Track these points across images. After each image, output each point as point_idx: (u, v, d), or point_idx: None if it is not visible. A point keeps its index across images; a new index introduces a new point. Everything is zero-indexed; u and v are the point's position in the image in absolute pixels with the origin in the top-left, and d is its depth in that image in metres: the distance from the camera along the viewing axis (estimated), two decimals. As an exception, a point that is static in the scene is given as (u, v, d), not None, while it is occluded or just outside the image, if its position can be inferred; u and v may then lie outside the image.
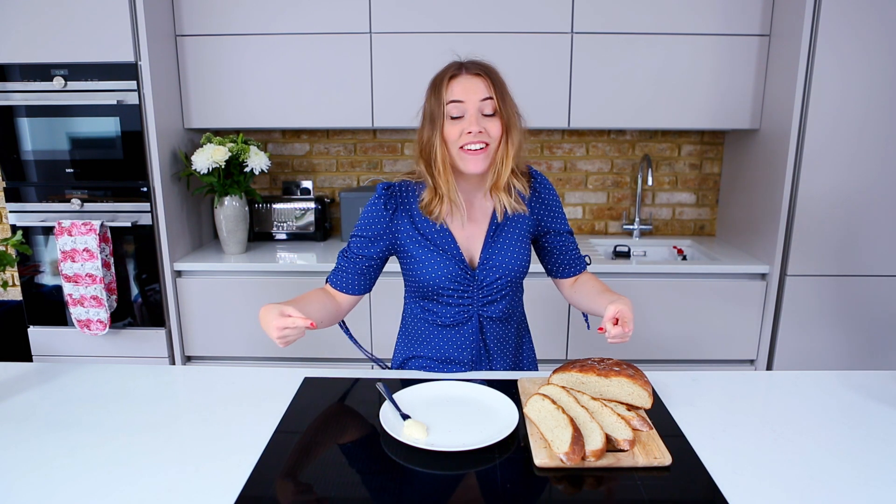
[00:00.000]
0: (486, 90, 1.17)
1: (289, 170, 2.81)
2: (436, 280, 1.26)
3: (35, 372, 1.32)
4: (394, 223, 1.27)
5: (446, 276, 1.25)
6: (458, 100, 1.17)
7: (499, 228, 1.29)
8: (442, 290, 1.27)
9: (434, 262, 1.25)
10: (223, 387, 1.24)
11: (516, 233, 1.29)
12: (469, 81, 1.18)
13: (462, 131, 1.17)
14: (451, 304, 1.29)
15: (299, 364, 2.36)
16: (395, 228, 1.27)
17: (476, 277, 1.27)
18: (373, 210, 1.28)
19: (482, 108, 1.17)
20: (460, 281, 1.26)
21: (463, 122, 1.17)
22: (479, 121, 1.17)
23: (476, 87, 1.17)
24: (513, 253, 1.28)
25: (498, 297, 1.30)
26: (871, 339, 2.29)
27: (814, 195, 2.18)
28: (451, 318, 1.30)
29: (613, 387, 1.09)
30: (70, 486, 0.90)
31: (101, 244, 2.21)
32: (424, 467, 0.95)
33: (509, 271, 1.28)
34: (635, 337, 2.30)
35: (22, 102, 2.17)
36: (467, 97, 1.17)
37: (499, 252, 1.27)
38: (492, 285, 1.28)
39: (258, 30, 2.32)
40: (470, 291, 1.28)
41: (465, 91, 1.17)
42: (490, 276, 1.27)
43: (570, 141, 2.76)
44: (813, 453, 1.00)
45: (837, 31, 2.06)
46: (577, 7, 2.28)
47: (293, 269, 2.32)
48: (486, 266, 1.27)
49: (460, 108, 1.17)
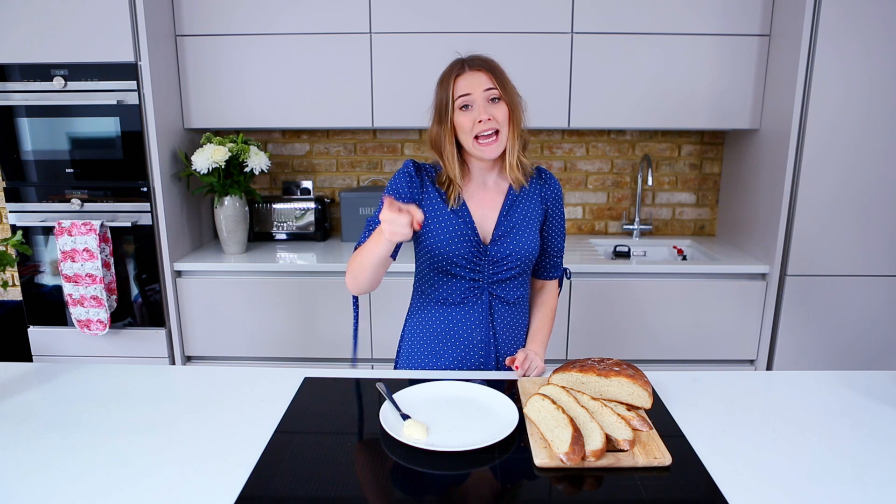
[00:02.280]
0: (489, 82, 1.29)
1: (289, 170, 2.81)
2: (452, 249, 1.32)
3: (35, 372, 1.32)
4: (422, 189, 1.37)
5: (461, 245, 1.33)
6: (466, 93, 1.29)
7: (511, 209, 1.37)
8: (455, 260, 1.33)
9: (451, 231, 1.33)
10: (223, 387, 1.24)
11: (527, 216, 1.38)
12: (473, 76, 1.30)
13: (474, 120, 1.29)
14: (462, 276, 1.36)
15: (299, 364, 2.36)
16: (423, 195, 1.37)
17: (488, 253, 1.35)
18: (403, 177, 1.36)
19: (487, 97, 1.29)
20: (473, 253, 1.34)
21: (472, 111, 1.29)
22: (487, 108, 1.29)
23: (480, 81, 1.29)
24: (523, 233, 1.36)
25: (508, 275, 1.37)
26: (870, 339, 2.29)
27: (814, 195, 2.18)
28: (462, 295, 1.37)
29: (613, 387, 1.09)
30: (70, 487, 0.90)
31: (101, 244, 2.21)
32: (424, 467, 0.95)
33: (520, 249, 1.35)
34: (636, 337, 2.32)
35: (22, 102, 2.17)
36: (473, 90, 1.29)
37: (511, 231, 1.36)
38: (502, 262, 1.35)
39: (258, 30, 2.32)
40: (481, 266, 1.35)
41: (470, 85, 1.29)
42: (501, 251, 1.35)
43: (570, 141, 2.76)
44: (813, 453, 1.00)
45: (837, 31, 2.06)
46: (577, 7, 2.28)
47: (293, 269, 2.32)
48: (499, 243, 1.35)
49: (468, 99, 1.29)
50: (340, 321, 2.33)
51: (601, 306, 2.31)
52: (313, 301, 2.32)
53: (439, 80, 1.34)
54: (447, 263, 1.34)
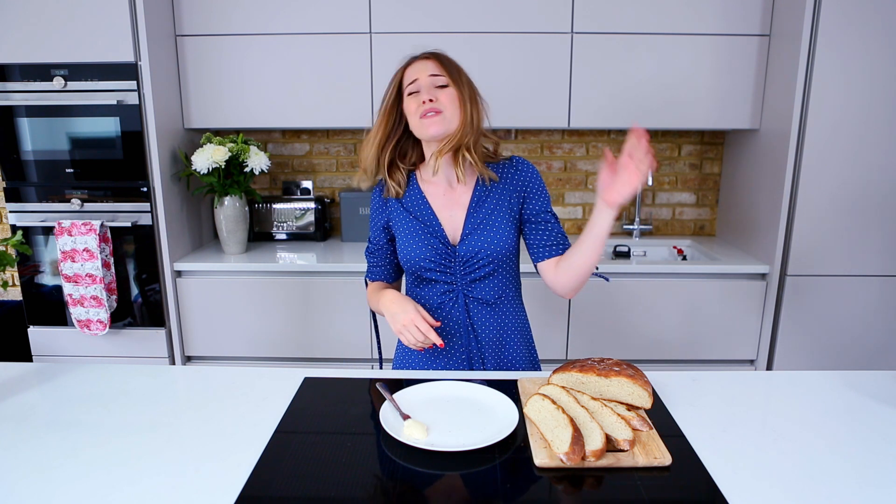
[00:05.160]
0: (435, 68, 1.31)
1: (289, 170, 2.81)
2: (418, 254, 1.33)
3: (35, 372, 1.32)
4: (387, 207, 1.41)
5: (428, 249, 1.33)
6: (413, 80, 1.31)
7: (479, 204, 1.34)
8: (425, 265, 1.34)
9: (416, 237, 1.34)
10: (223, 387, 1.24)
11: (498, 210, 1.34)
12: (420, 64, 1.32)
13: (419, 102, 1.29)
14: (436, 280, 1.36)
15: (299, 364, 2.36)
16: (389, 212, 1.40)
17: (457, 253, 1.33)
18: (372, 201, 1.45)
19: (434, 83, 1.30)
20: (441, 255, 1.33)
21: (419, 96, 1.30)
22: (432, 91, 1.29)
23: (426, 67, 1.31)
24: (494, 229, 1.32)
25: (482, 274, 1.34)
26: (870, 339, 2.29)
27: (814, 195, 2.18)
28: (438, 299, 1.36)
29: (613, 387, 1.09)
30: (70, 487, 0.90)
31: (101, 244, 2.21)
32: (424, 467, 0.95)
33: (489, 246, 1.32)
34: (636, 337, 2.32)
35: (22, 102, 2.17)
36: (419, 75, 1.31)
37: (479, 227, 1.33)
38: (473, 260, 1.33)
39: (258, 30, 2.32)
40: (452, 268, 1.34)
41: (417, 72, 1.31)
42: (470, 249, 1.32)
43: (570, 141, 2.76)
44: (813, 453, 1.00)
45: (837, 31, 2.06)
46: (577, 7, 2.28)
47: (293, 269, 2.32)
48: (467, 240, 1.33)
49: (415, 86, 1.31)
50: (340, 321, 2.33)
51: (601, 306, 2.31)
52: (313, 301, 2.32)
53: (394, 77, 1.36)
54: (417, 269, 1.35)
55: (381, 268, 1.46)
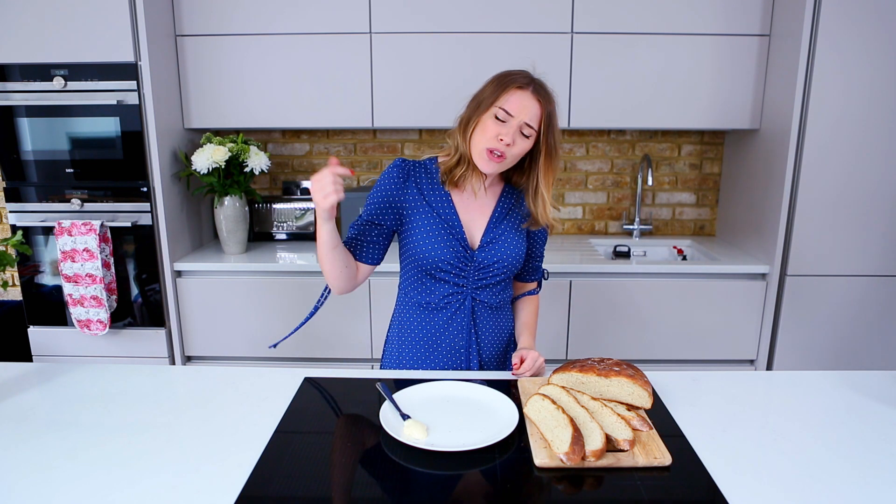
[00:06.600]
0: (534, 118, 1.25)
1: (289, 170, 2.81)
2: (437, 254, 1.31)
3: (35, 372, 1.32)
4: (404, 191, 1.34)
5: (447, 250, 1.31)
6: (509, 111, 1.24)
7: (501, 217, 1.36)
8: (440, 264, 1.32)
9: (437, 235, 1.31)
10: (223, 387, 1.24)
11: (516, 224, 1.38)
12: (528, 99, 1.25)
13: (497, 135, 1.23)
14: (447, 281, 1.34)
15: (299, 364, 2.36)
16: (405, 196, 1.34)
17: (474, 258, 1.33)
18: (386, 177, 1.34)
19: (522, 128, 1.25)
20: (460, 258, 1.32)
21: (502, 127, 1.24)
22: (515, 135, 1.24)
23: (530, 108, 1.24)
24: (512, 241, 1.36)
25: (493, 281, 1.36)
26: (870, 339, 2.29)
27: (814, 195, 2.18)
28: (445, 299, 1.35)
29: (613, 387, 1.09)
30: (70, 487, 0.90)
31: (101, 244, 2.21)
32: (424, 467, 0.95)
33: (507, 257, 1.35)
34: (636, 337, 2.32)
35: (22, 102, 2.17)
36: (518, 113, 1.24)
37: (500, 238, 1.35)
38: (489, 268, 1.34)
39: (258, 30, 2.32)
40: (467, 272, 1.34)
41: (517, 107, 1.24)
42: (489, 258, 1.34)
43: (570, 141, 2.76)
44: (813, 453, 1.00)
45: (837, 31, 2.06)
46: (577, 7, 2.28)
47: (293, 269, 2.31)
48: (486, 249, 1.34)
49: (507, 116, 1.24)
50: (340, 321, 2.33)
51: (601, 306, 2.31)
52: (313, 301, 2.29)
53: (499, 78, 1.28)
54: (432, 268, 1.33)
55: (372, 246, 1.36)
